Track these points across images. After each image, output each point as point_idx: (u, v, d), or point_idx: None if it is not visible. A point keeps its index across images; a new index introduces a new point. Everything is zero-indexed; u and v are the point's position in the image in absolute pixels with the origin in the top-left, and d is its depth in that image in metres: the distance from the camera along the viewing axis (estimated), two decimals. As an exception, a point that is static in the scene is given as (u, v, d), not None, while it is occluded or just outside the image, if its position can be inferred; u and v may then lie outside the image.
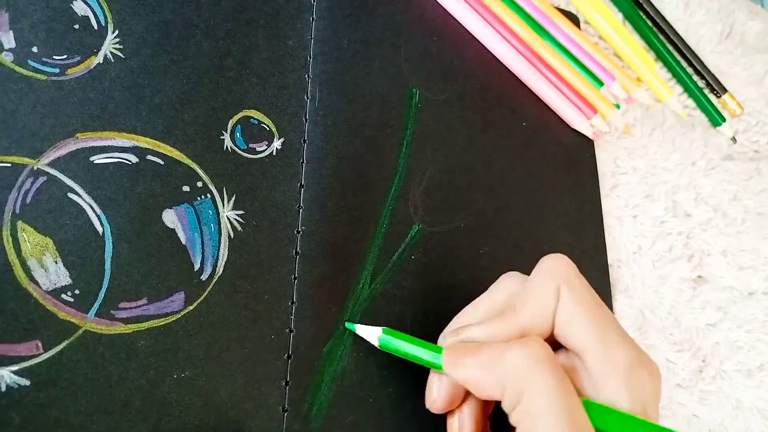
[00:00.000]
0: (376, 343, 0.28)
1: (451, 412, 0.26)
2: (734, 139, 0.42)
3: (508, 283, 0.27)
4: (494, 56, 0.38)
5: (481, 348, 0.24)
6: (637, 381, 0.23)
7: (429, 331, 0.30)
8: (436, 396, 0.26)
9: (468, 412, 0.26)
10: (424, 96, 0.35)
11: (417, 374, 0.29)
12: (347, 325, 0.29)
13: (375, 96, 0.33)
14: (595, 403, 0.23)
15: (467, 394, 0.26)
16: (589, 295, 0.24)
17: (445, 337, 0.27)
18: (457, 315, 0.28)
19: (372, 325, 0.29)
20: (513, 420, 0.23)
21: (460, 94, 0.36)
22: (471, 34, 0.38)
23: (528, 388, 0.22)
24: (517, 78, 0.38)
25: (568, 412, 0.21)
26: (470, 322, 0.26)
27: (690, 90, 0.42)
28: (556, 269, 0.25)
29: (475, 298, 0.28)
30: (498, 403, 0.24)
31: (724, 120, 0.42)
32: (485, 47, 0.38)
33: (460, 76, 0.36)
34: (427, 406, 0.26)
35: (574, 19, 0.41)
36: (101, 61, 0.29)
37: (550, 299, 0.24)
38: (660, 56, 0.43)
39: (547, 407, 0.22)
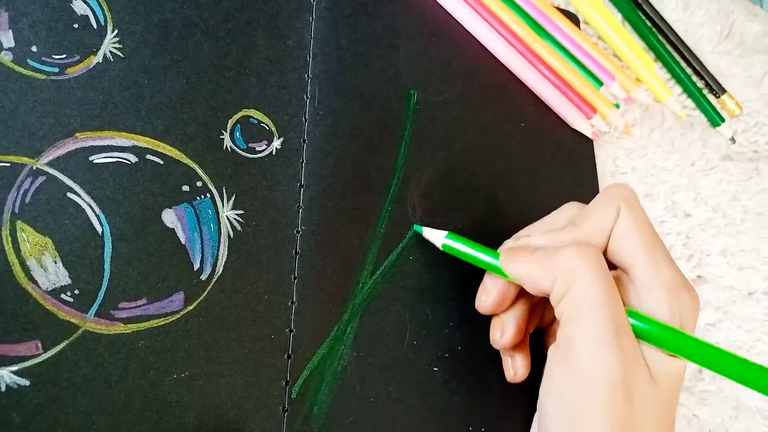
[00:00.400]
0: (440, 245, 0.30)
1: (496, 316, 0.29)
2: (733, 140, 0.42)
3: (569, 207, 0.29)
4: (494, 56, 0.38)
5: (537, 249, 0.26)
6: (679, 299, 0.24)
7: (428, 330, 0.30)
8: (486, 295, 0.28)
9: (512, 316, 0.28)
10: (423, 97, 0.35)
11: (416, 374, 0.29)
12: (416, 228, 0.31)
13: (374, 96, 0.33)
14: (637, 312, 0.24)
15: (515, 302, 0.28)
16: (646, 218, 0.26)
17: (505, 245, 0.29)
18: (520, 231, 0.30)
19: (374, 323, 0.29)
20: (558, 311, 0.24)
21: (460, 94, 0.36)
22: (470, 34, 0.38)
23: (576, 280, 0.24)
24: (516, 78, 0.38)
25: (611, 305, 0.23)
26: (531, 233, 0.28)
27: (689, 90, 0.42)
28: (619, 192, 0.26)
29: (472, 298, 0.29)
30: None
31: (723, 120, 0.42)
32: (485, 47, 0.38)
33: (459, 76, 0.36)
34: (477, 305, 0.28)
35: (573, 19, 0.41)
36: (101, 61, 0.29)
37: (610, 216, 0.26)
38: (659, 56, 0.43)
39: (591, 298, 0.23)
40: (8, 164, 0.26)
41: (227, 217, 0.29)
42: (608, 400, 0.22)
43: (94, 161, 0.28)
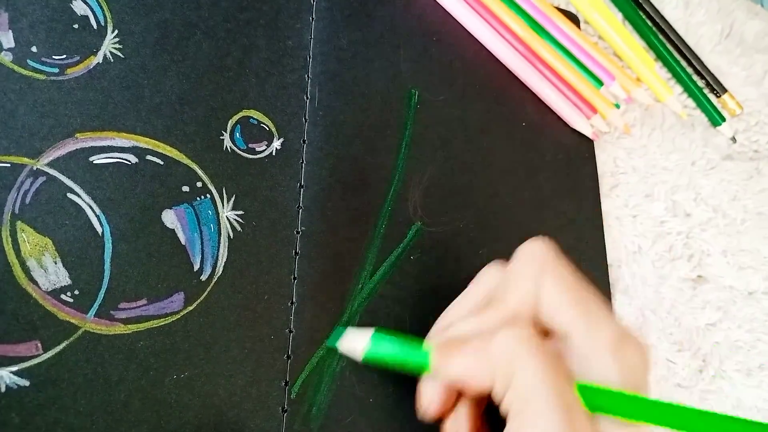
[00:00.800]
0: (360, 358, 0.26)
1: (445, 416, 0.26)
2: (734, 139, 0.42)
3: (488, 275, 0.27)
4: (494, 56, 0.38)
5: (469, 340, 0.24)
6: (625, 356, 0.23)
7: (428, 331, 0.30)
8: (429, 401, 0.25)
9: (463, 413, 0.26)
10: (424, 96, 0.35)
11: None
12: (328, 344, 0.28)
13: (374, 96, 0.33)
14: (588, 385, 0.22)
15: (459, 396, 0.26)
16: (570, 276, 0.24)
17: (432, 338, 0.26)
18: (442, 314, 0.27)
19: (374, 324, 0.29)
20: (504, 405, 0.22)
21: (460, 94, 0.36)
22: (471, 34, 0.38)
23: (517, 370, 0.22)
24: (516, 78, 0.38)
25: (558, 393, 0.21)
26: (456, 318, 0.26)
27: (690, 90, 0.42)
28: (535, 254, 0.25)
29: None
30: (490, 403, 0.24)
31: (723, 120, 0.41)
32: (485, 47, 0.38)
33: (459, 76, 0.36)
34: (420, 414, 0.26)
35: (573, 19, 0.41)
36: (101, 61, 0.29)
37: (532, 284, 0.24)
38: (660, 56, 0.43)
39: (536, 386, 0.21)
40: (8, 165, 0.27)
41: (227, 218, 0.29)
42: None
43: (94, 162, 0.28)
